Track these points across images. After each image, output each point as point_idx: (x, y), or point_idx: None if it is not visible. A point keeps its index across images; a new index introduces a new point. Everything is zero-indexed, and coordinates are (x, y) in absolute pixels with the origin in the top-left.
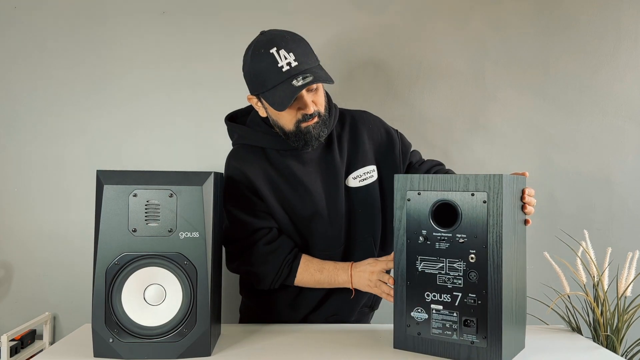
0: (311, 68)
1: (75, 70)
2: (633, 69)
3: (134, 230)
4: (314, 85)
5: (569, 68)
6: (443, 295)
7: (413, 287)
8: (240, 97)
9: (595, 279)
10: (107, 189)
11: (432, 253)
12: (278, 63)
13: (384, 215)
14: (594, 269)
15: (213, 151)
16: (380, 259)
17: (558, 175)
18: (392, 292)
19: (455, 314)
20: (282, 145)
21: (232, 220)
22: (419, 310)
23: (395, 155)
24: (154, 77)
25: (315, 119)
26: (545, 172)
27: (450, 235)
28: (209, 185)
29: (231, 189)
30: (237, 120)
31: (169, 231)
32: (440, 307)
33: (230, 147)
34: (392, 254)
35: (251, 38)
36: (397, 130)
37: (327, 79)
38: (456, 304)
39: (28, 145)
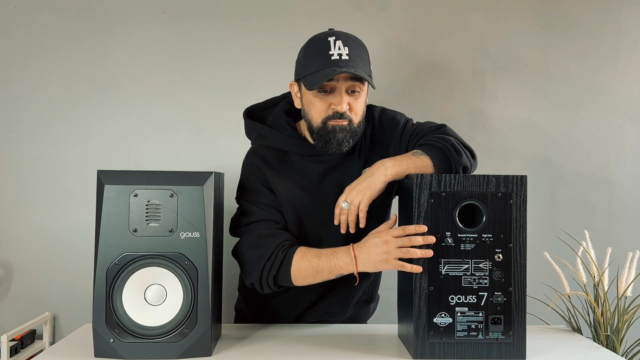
0: (361, 68)
1: (75, 70)
2: (633, 69)
3: (135, 230)
4: (357, 89)
5: (569, 68)
6: (468, 297)
7: (436, 292)
8: (240, 97)
9: (596, 279)
10: (108, 189)
11: (458, 255)
12: (330, 50)
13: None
14: (595, 269)
15: (213, 151)
16: (381, 228)
17: (558, 175)
18: (421, 254)
19: (481, 314)
20: (305, 150)
21: (240, 210)
22: (443, 315)
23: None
24: (155, 77)
25: (345, 122)
26: (545, 172)
27: (476, 235)
28: (209, 185)
29: (244, 182)
30: (256, 116)
31: (170, 231)
32: (466, 308)
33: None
34: (392, 218)
35: (251, 38)
36: (404, 127)
37: (371, 82)
38: (482, 304)
39: (28, 145)
